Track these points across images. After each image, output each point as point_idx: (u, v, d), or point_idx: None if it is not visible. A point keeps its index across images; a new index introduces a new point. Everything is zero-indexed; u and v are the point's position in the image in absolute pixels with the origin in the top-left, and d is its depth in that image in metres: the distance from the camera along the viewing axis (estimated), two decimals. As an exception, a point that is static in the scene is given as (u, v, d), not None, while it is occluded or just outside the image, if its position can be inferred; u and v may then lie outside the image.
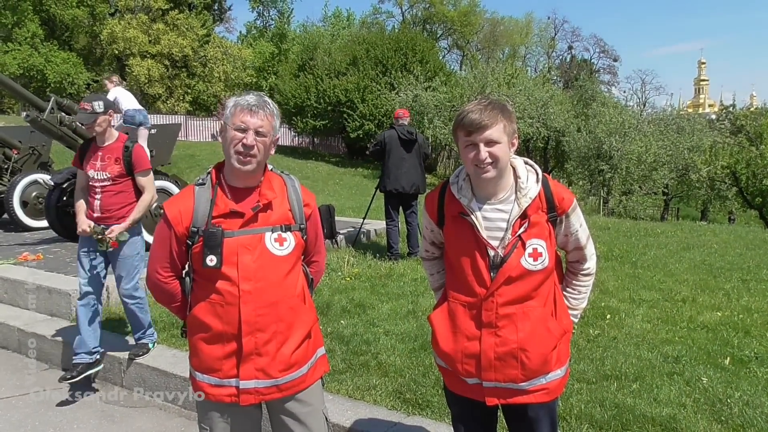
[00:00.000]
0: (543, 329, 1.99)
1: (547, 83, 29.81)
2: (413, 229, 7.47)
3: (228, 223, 2.01)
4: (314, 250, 2.28)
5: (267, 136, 2.02)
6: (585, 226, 2.10)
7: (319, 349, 2.23)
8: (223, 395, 2.05)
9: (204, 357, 2.07)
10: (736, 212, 28.30)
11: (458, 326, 2.04)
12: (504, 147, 1.93)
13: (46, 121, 6.63)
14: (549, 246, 1.99)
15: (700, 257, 7.69)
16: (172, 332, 4.55)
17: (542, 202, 2.00)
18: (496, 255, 1.97)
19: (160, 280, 2.13)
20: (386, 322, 4.70)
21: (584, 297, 2.18)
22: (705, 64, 79.62)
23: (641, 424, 3.03)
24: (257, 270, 2.00)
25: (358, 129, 26.54)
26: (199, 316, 2.05)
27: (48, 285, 5.21)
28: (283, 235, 2.07)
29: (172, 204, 2.09)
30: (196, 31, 37.83)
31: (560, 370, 2.04)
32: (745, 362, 3.93)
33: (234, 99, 2.05)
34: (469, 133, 1.92)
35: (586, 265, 2.14)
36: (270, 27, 50.91)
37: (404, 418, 3.23)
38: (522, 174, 2.02)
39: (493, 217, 1.99)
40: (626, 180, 21.65)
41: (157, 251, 2.11)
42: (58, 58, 35.31)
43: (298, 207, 2.14)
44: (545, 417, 2.07)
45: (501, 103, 1.98)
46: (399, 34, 31.82)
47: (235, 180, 2.08)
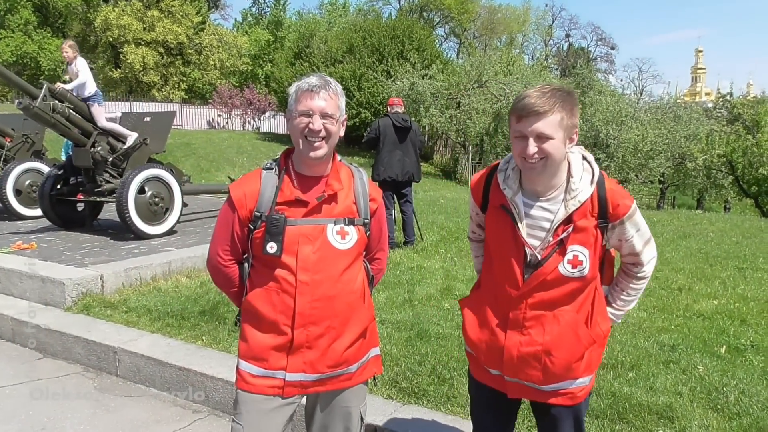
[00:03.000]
0: (572, 335, 1.88)
1: (544, 71, 29.75)
2: (408, 217, 7.46)
3: (292, 211, 1.95)
4: (377, 247, 2.21)
5: (334, 117, 1.94)
6: (644, 231, 1.92)
7: (373, 349, 2.16)
8: (266, 386, 1.99)
9: (252, 344, 2.01)
10: (732, 201, 28.40)
11: (485, 319, 1.98)
12: (557, 144, 1.74)
13: (38, 108, 6.55)
14: (592, 254, 1.84)
15: (697, 246, 7.70)
16: (167, 321, 4.53)
17: (593, 207, 1.83)
18: (534, 256, 1.85)
19: (220, 263, 2.07)
20: (382, 311, 4.69)
21: (633, 299, 2.05)
22: (702, 53, 79.38)
23: (637, 413, 3.03)
24: (317, 262, 1.95)
25: (355, 117, 26.42)
26: (254, 303, 2.00)
27: (42, 274, 5.18)
28: (346, 228, 1.99)
29: (237, 186, 2.03)
30: (191, 18, 37.55)
31: (587, 378, 1.95)
32: (741, 351, 3.93)
33: (295, 84, 1.98)
34: (520, 118, 1.75)
35: (642, 269, 1.98)
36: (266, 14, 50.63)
37: (400, 407, 3.22)
38: (576, 172, 1.84)
39: (537, 216, 1.86)
40: (623, 169, 21.67)
41: (220, 233, 2.05)
42: (51, 46, 35.09)
43: (364, 201, 2.07)
44: (569, 418, 2.00)
45: (566, 90, 1.78)
46: (395, 22, 31.62)
47: (303, 167, 2.01)
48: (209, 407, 3.65)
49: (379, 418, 3.08)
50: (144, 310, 4.77)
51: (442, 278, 5.70)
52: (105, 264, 5.61)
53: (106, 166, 7.27)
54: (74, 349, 4.39)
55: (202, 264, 5.98)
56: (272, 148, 24.11)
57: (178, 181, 7.44)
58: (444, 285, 5.44)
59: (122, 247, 6.53)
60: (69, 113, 6.99)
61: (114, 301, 5.00)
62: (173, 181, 7.23)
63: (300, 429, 3.02)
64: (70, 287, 5.00)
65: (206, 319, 4.53)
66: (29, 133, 9.72)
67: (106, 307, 4.89)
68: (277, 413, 2.02)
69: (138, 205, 6.73)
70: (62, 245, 6.62)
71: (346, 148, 28.59)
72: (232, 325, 4.39)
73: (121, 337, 4.29)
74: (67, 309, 4.93)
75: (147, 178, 6.90)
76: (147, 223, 6.87)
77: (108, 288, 5.24)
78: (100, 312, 4.81)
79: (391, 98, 7.96)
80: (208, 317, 4.57)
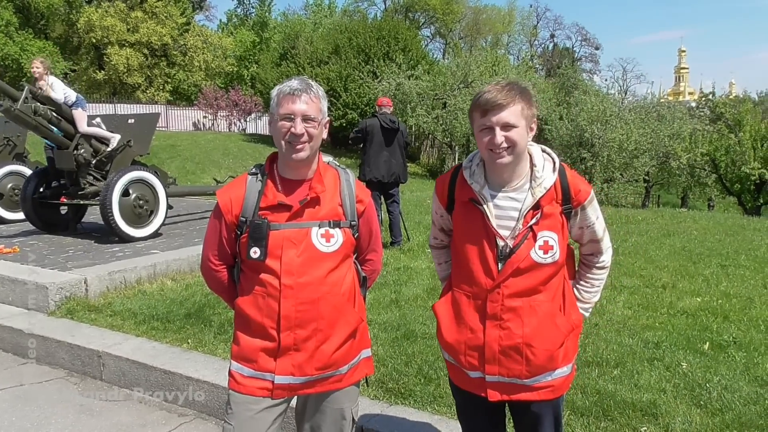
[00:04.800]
0: (550, 325, 1.92)
1: (529, 71, 29.93)
2: (395, 218, 7.47)
3: (275, 215, 1.96)
4: (368, 248, 2.20)
5: (316, 120, 1.95)
6: (602, 219, 2.02)
7: (364, 350, 2.15)
8: (255, 388, 2.00)
9: (243, 346, 2.03)
10: (716, 199, 28.73)
11: (462, 317, 1.99)
12: (521, 131, 1.83)
13: (19, 111, 6.48)
14: (561, 239, 1.91)
15: (680, 244, 7.78)
16: (152, 324, 4.50)
17: (557, 193, 1.92)
18: (505, 245, 1.90)
19: (211, 267, 2.11)
20: (369, 311, 4.66)
21: (597, 290, 2.11)
22: (685, 53, 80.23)
23: (622, 410, 3.05)
24: (301, 265, 1.95)
25: (341, 118, 26.41)
26: (242, 307, 2.02)
27: (25, 278, 5.12)
28: (331, 231, 1.99)
29: (224, 192, 2.05)
30: (175, 19, 37.23)
31: (566, 367, 1.98)
32: (724, 347, 3.97)
33: (277, 87, 1.98)
34: (485, 112, 1.83)
35: (601, 258, 2.07)
36: (251, 15, 50.40)
37: (387, 407, 3.22)
38: (538, 162, 1.93)
39: (505, 206, 1.92)
40: (608, 168, 21.82)
41: (210, 238, 2.08)
42: (33, 47, 34.56)
43: (350, 203, 2.06)
44: (549, 413, 2.03)
45: (521, 85, 1.89)
46: (381, 23, 31.65)
47: (287, 171, 2.02)
48: (195, 410, 3.63)
49: (366, 418, 3.08)
50: (129, 314, 4.73)
51: (429, 278, 5.71)
52: (89, 267, 5.55)
53: (89, 169, 7.20)
54: (58, 353, 4.34)
55: (188, 267, 5.95)
56: (258, 149, 24.00)
57: (163, 183, 7.38)
58: (431, 285, 5.45)
59: (106, 250, 6.47)
60: (51, 116, 6.92)
61: (98, 305, 4.95)
62: (158, 183, 7.18)
63: (289, 429, 3.02)
64: (54, 291, 4.95)
65: (192, 322, 4.51)
66: (11, 136, 9.59)
67: (90, 311, 4.84)
68: (267, 414, 2.03)
69: (122, 207, 6.68)
70: (45, 249, 6.55)
71: (333, 149, 28.55)
72: (218, 328, 4.37)
73: (105, 341, 4.25)
74: (50, 313, 4.87)
75: (131, 180, 6.85)
76: (132, 225, 6.82)
77: (92, 292, 5.19)
78: (84, 316, 4.76)
79: (380, 98, 7.97)
80: (194, 320, 4.54)
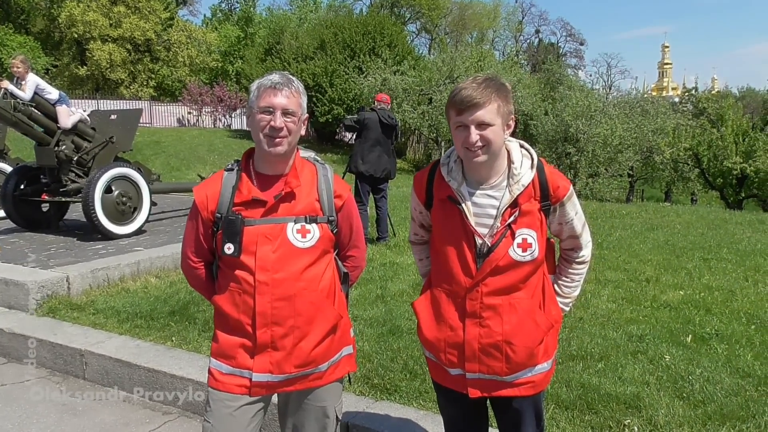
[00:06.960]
0: (530, 322, 1.92)
1: (514, 67, 30.03)
2: (383, 213, 7.45)
3: (249, 211, 1.94)
4: (349, 245, 2.17)
5: (295, 115, 1.94)
6: (581, 214, 2.01)
7: (346, 347, 2.13)
8: (234, 385, 1.98)
9: (222, 342, 2.01)
10: (698, 193, 29.08)
11: (442, 315, 1.98)
12: (497, 129, 1.81)
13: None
14: (539, 236, 1.91)
15: (664, 237, 7.85)
16: (136, 322, 4.46)
17: (535, 190, 1.90)
18: (484, 244, 1.88)
19: (190, 264, 2.10)
20: (354, 307, 4.67)
21: (578, 285, 2.11)
22: (668, 48, 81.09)
23: (606, 403, 3.07)
24: (276, 261, 1.92)
25: (327, 113, 26.35)
26: (220, 303, 2.00)
27: (5, 277, 5.04)
28: (307, 226, 1.97)
29: (200, 188, 2.03)
30: (158, 14, 36.88)
31: (546, 363, 1.98)
32: (706, 339, 4.01)
33: (257, 81, 1.96)
34: (460, 111, 1.80)
35: (581, 253, 2.07)
36: (235, 10, 50.02)
37: (372, 403, 3.21)
38: (516, 159, 1.91)
39: (483, 203, 1.90)
40: (592, 163, 22.02)
41: (188, 235, 2.07)
42: (14, 42, 34.06)
43: (328, 198, 2.04)
44: (530, 408, 2.02)
45: (498, 81, 1.85)
46: (367, 18, 31.58)
47: (264, 166, 2.00)
48: (179, 408, 3.60)
49: (352, 414, 3.07)
50: (112, 312, 4.68)
51: (415, 274, 5.71)
52: (71, 265, 5.48)
53: (71, 166, 7.12)
54: (39, 352, 4.28)
55: (172, 264, 5.89)
56: (244, 145, 23.88)
57: (147, 179, 7.31)
58: (416, 281, 5.45)
59: (89, 247, 6.40)
60: (31, 111, 6.82)
61: (81, 303, 4.89)
62: (141, 180, 7.11)
63: (273, 428, 3.01)
64: (35, 290, 4.88)
65: (176, 320, 4.47)
66: (-10, 133, 9.46)
67: (72, 310, 4.78)
68: (246, 412, 2.01)
69: (105, 204, 6.61)
70: (27, 247, 6.46)
71: (318, 145, 28.49)
72: (203, 325, 4.33)
73: (88, 340, 4.20)
74: (30, 312, 4.81)
75: (114, 177, 6.77)
76: (115, 222, 6.75)
77: (74, 290, 5.13)
78: (67, 314, 4.70)
79: (380, 94, 8.01)
80: (178, 318, 4.50)
